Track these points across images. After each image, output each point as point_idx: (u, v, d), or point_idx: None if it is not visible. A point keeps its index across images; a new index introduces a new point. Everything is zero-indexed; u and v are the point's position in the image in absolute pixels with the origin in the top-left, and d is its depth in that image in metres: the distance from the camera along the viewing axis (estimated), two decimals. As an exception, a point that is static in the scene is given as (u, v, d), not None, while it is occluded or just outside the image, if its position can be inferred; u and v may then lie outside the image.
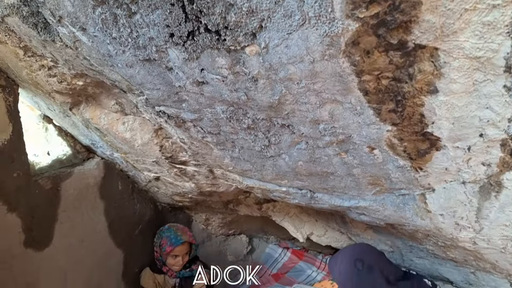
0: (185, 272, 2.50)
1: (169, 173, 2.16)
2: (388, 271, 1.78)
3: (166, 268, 2.46)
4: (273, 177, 1.87)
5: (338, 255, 1.91)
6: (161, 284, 2.50)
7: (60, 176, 2.00)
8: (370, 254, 1.84)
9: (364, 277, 1.74)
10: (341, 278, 1.81)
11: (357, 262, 1.77)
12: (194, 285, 2.51)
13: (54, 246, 1.96)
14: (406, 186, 1.62)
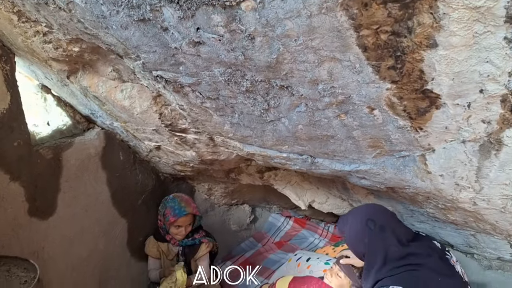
0: (188, 240, 2.53)
1: (170, 141, 2.16)
2: (400, 232, 1.72)
3: (169, 237, 2.49)
4: (274, 143, 1.87)
5: (348, 215, 1.85)
6: (165, 252, 2.54)
7: (61, 146, 2.01)
8: (382, 214, 1.78)
9: (376, 237, 1.68)
10: (352, 239, 1.78)
11: (369, 222, 1.71)
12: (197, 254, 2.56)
13: (58, 215, 1.99)
14: (406, 148, 1.62)
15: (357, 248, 1.76)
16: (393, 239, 1.66)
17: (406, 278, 1.57)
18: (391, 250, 1.64)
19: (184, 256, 2.54)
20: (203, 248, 2.57)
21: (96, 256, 2.22)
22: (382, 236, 1.67)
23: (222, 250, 3.01)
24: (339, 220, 1.92)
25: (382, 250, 1.65)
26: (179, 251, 2.53)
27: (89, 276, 2.18)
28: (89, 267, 2.17)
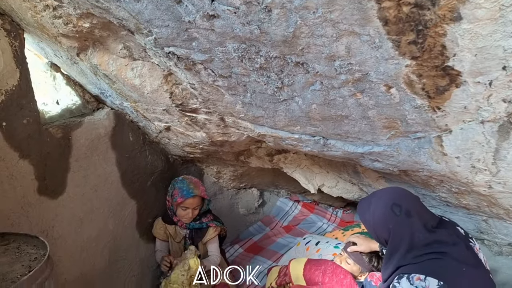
0: (195, 224, 2.51)
1: (180, 122, 2.13)
2: (426, 217, 1.65)
3: (176, 218, 2.49)
4: (286, 124, 1.84)
5: (370, 199, 1.76)
6: (172, 235, 2.53)
7: (70, 126, 1.99)
8: (408, 199, 1.69)
9: (402, 223, 1.60)
10: (375, 224, 1.69)
11: (394, 207, 1.62)
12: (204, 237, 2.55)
13: (68, 195, 1.98)
14: (422, 129, 1.58)
15: (380, 233, 1.69)
16: (419, 225, 1.59)
17: (429, 267, 1.52)
18: (416, 236, 1.58)
19: (191, 240, 2.53)
20: (210, 231, 2.55)
21: (106, 236, 2.22)
22: (408, 222, 1.60)
23: (230, 234, 3.02)
24: (359, 204, 1.85)
25: (407, 236, 1.58)
26: (186, 234, 2.52)
27: (98, 256, 2.18)
28: (98, 247, 2.17)
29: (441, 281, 1.46)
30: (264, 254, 3.02)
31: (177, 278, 2.12)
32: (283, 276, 2.35)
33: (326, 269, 2.16)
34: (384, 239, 1.68)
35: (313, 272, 2.19)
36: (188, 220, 2.46)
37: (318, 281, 2.15)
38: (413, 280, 1.50)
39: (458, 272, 1.53)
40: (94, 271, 2.16)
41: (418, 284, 1.48)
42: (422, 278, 1.48)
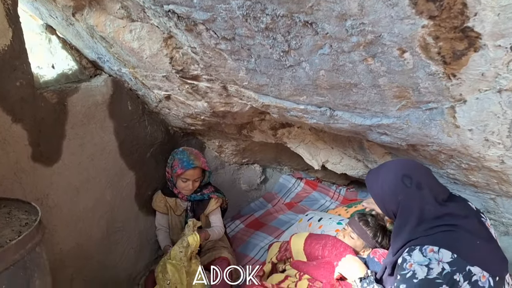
0: (196, 195, 2.46)
1: (180, 90, 2.05)
2: (437, 190, 1.60)
3: (177, 190, 2.43)
4: (291, 93, 1.76)
5: (380, 170, 1.70)
6: (173, 208, 2.48)
7: (66, 91, 1.92)
8: (418, 170, 1.64)
9: (412, 195, 1.55)
10: (384, 195, 1.63)
11: (404, 178, 1.57)
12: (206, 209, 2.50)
13: (64, 163, 1.92)
14: (435, 98, 1.50)
15: (389, 206, 1.63)
16: (430, 197, 1.54)
17: (443, 239, 1.47)
18: (427, 209, 1.53)
19: (193, 212, 2.48)
20: (212, 203, 2.50)
21: (103, 207, 2.16)
22: (419, 194, 1.55)
23: (231, 209, 2.98)
24: (368, 175, 1.78)
25: (417, 209, 1.54)
26: (188, 207, 2.47)
27: (95, 227, 2.13)
28: (95, 217, 2.12)
29: (454, 254, 1.42)
30: (265, 230, 2.98)
31: (176, 254, 2.06)
32: (284, 251, 2.31)
33: (327, 243, 2.11)
34: (393, 212, 1.63)
35: (313, 246, 2.14)
36: (189, 192, 2.40)
37: (318, 255, 2.11)
38: (426, 252, 1.45)
39: (472, 245, 1.47)
40: (90, 242, 2.11)
41: (432, 256, 1.43)
42: (436, 250, 1.43)
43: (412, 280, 1.44)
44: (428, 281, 1.41)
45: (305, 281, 2.06)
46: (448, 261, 1.41)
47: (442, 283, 1.40)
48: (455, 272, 1.39)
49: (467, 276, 1.40)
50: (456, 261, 1.41)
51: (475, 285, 1.41)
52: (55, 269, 1.92)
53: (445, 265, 1.41)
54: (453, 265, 1.41)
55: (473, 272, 1.41)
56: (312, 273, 2.06)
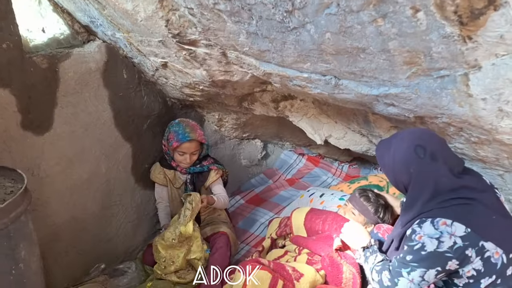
0: (195, 168, 2.39)
1: (177, 57, 1.95)
2: (452, 161, 1.50)
3: (175, 163, 2.36)
4: (294, 60, 1.66)
5: (391, 140, 1.59)
6: (171, 180, 2.41)
7: (57, 56, 1.83)
8: (433, 140, 1.53)
9: (425, 166, 1.46)
10: (396, 167, 1.53)
11: (418, 149, 1.47)
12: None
13: (56, 132, 1.85)
14: (447, 65, 1.40)
15: (400, 178, 1.54)
16: (445, 169, 1.45)
17: (457, 212, 1.39)
18: (442, 181, 1.44)
19: (193, 185, 2.41)
20: (212, 175, 2.43)
21: (98, 179, 2.10)
22: (433, 165, 1.46)
23: (231, 185, 2.92)
24: (378, 145, 1.68)
25: (432, 181, 1.45)
26: (187, 179, 2.40)
27: (90, 200, 2.06)
28: (90, 190, 2.05)
29: (468, 228, 1.35)
30: (266, 206, 2.93)
31: (168, 238, 2.04)
32: (284, 227, 2.25)
33: (327, 218, 2.05)
34: (404, 184, 1.54)
35: (314, 221, 2.09)
36: (187, 165, 2.34)
37: (318, 229, 2.05)
38: (438, 225, 1.37)
39: (487, 220, 1.40)
40: (85, 215, 2.05)
41: (444, 229, 1.36)
42: (449, 223, 1.36)
43: (420, 252, 1.38)
44: (437, 254, 1.35)
45: (304, 255, 2.01)
46: (461, 235, 1.34)
47: (452, 257, 1.34)
48: (467, 247, 1.33)
49: (479, 251, 1.34)
50: (470, 235, 1.34)
51: (488, 261, 1.36)
52: (48, 242, 1.88)
53: (457, 239, 1.34)
54: (466, 239, 1.34)
55: (486, 247, 1.35)
56: (311, 247, 2.01)
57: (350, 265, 1.83)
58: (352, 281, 1.80)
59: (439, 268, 1.36)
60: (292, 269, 1.88)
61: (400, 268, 1.44)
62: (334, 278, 1.83)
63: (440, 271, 1.37)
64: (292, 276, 1.84)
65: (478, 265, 1.35)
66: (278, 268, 1.86)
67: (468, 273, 1.37)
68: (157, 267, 2.08)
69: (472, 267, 1.36)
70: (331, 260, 1.85)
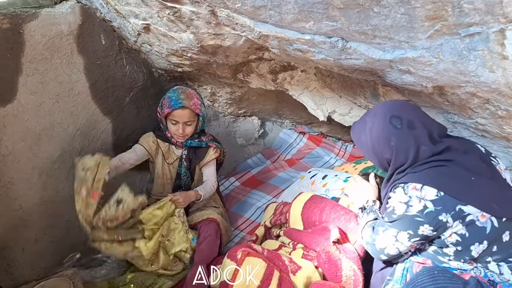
0: (193, 141, 2.16)
1: (160, 18, 1.70)
2: (432, 127, 1.43)
3: (169, 134, 2.13)
4: (295, 17, 1.43)
5: (365, 118, 1.54)
6: (165, 154, 2.19)
7: (22, 16, 1.61)
8: (407, 108, 1.47)
9: (405, 136, 1.39)
10: (374, 144, 1.47)
11: (393, 120, 1.41)
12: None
13: (20, 103, 1.62)
14: (480, 19, 1.17)
15: (382, 154, 1.46)
16: (425, 136, 1.39)
17: (429, 175, 1.34)
18: (422, 149, 1.38)
19: (189, 161, 2.19)
20: (211, 152, 2.23)
21: (71, 158, 1.87)
22: (412, 134, 1.39)
23: (226, 165, 2.71)
24: (352, 127, 1.63)
25: (412, 150, 1.38)
26: (183, 154, 2.18)
27: (62, 181, 1.84)
28: (62, 170, 1.83)
29: (441, 191, 1.29)
30: (263, 188, 2.72)
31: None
32: (279, 214, 2.03)
33: (325, 206, 1.82)
34: (388, 161, 1.46)
35: (311, 210, 1.86)
36: (181, 138, 2.11)
37: (315, 220, 1.83)
38: (408, 190, 1.34)
39: (465, 182, 1.31)
40: (58, 198, 1.84)
41: (413, 193, 1.33)
42: (418, 188, 1.32)
43: (391, 215, 1.38)
44: (407, 217, 1.33)
45: (300, 250, 1.80)
46: (432, 199, 1.30)
47: (423, 221, 1.30)
48: (440, 212, 1.28)
49: (457, 216, 1.28)
50: (442, 199, 1.29)
51: (472, 226, 1.28)
52: (14, 228, 1.66)
53: (428, 203, 1.30)
54: (438, 203, 1.29)
55: (465, 211, 1.28)
56: (305, 241, 1.79)
57: (351, 260, 1.61)
58: (353, 278, 1.59)
59: (411, 231, 1.33)
60: (289, 260, 1.66)
61: (378, 226, 1.46)
62: (332, 276, 1.61)
63: (412, 235, 1.34)
64: (288, 268, 1.63)
65: (459, 229, 1.29)
66: (273, 257, 1.65)
67: (450, 238, 1.31)
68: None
69: (453, 232, 1.30)
70: (327, 256, 1.63)
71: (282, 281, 1.54)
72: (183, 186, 2.23)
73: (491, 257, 1.30)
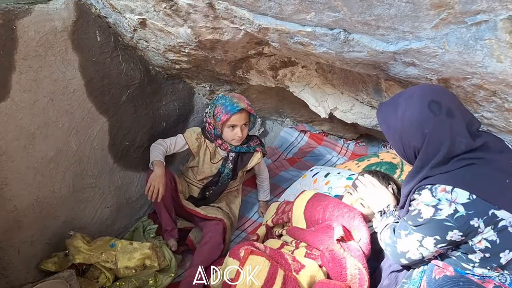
0: (242, 147, 2.20)
1: (157, 12, 1.66)
2: (469, 118, 1.32)
3: (219, 142, 2.16)
4: (296, 8, 1.39)
5: (397, 100, 1.37)
6: (211, 153, 2.21)
7: (15, 12, 1.56)
8: (448, 95, 1.33)
9: (442, 124, 1.26)
10: (405, 130, 1.31)
11: (432, 105, 1.27)
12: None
13: (13, 101, 1.57)
14: (487, 6, 1.12)
15: (410, 142, 1.32)
16: (463, 127, 1.27)
17: (461, 176, 1.23)
18: (458, 141, 1.26)
19: (234, 165, 2.21)
20: (257, 156, 2.28)
21: (67, 158, 1.82)
22: (450, 123, 1.26)
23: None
24: (379, 108, 1.44)
25: (447, 141, 1.25)
26: (230, 156, 2.20)
27: (58, 181, 1.79)
28: (58, 170, 1.77)
29: (473, 194, 1.19)
30: (264, 188, 2.65)
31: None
32: (281, 214, 1.98)
33: (329, 204, 1.76)
34: (415, 150, 1.33)
35: (314, 208, 1.80)
36: (239, 140, 2.14)
37: (318, 218, 1.77)
38: (436, 192, 1.23)
39: (499, 184, 1.22)
40: (54, 198, 1.78)
41: (442, 196, 1.22)
42: (449, 190, 1.21)
43: (417, 219, 1.28)
44: (435, 222, 1.23)
45: (303, 249, 1.74)
46: (464, 202, 1.19)
47: (453, 227, 1.21)
48: (471, 216, 1.18)
49: (489, 221, 1.19)
50: (475, 203, 1.19)
51: (504, 232, 1.20)
52: (9, 230, 1.62)
53: (459, 207, 1.19)
54: (470, 207, 1.19)
55: (499, 216, 1.19)
56: (308, 240, 1.73)
57: (355, 259, 1.56)
58: (359, 277, 1.54)
59: (438, 237, 1.24)
60: (292, 258, 1.61)
61: (400, 229, 1.36)
62: (337, 275, 1.56)
63: (439, 240, 1.25)
64: (291, 267, 1.57)
65: (490, 235, 1.20)
66: (276, 255, 1.60)
67: (479, 244, 1.22)
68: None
69: (482, 237, 1.21)
70: (331, 255, 1.58)
71: (287, 280, 1.49)
72: (220, 183, 2.25)
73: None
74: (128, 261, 1.83)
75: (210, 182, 2.25)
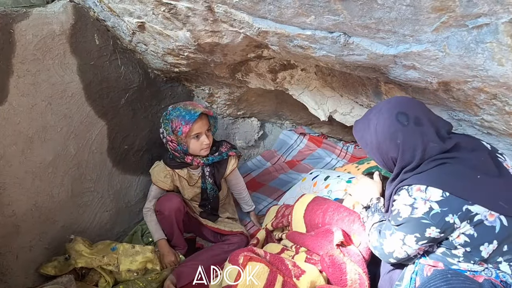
0: (214, 157, 2.09)
1: (156, 15, 1.65)
2: (438, 124, 1.40)
3: (189, 158, 2.03)
4: (295, 12, 1.38)
5: (368, 116, 1.49)
6: (186, 179, 2.13)
7: (12, 16, 1.57)
8: (413, 105, 1.43)
9: (412, 133, 1.35)
10: (380, 142, 1.41)
11: (400, 116, 1.37)
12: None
13: (11, 105, 1.57)
14: (488, 9, 1.13)
15: (388, 153, 1.41)
16: (432, 132, 1.36)
17: (433, 176, 1.31)
18: (430, 146, 1.34)
19: (213, 178, 2.13)
20: (232, 162, 2.19)
21: (66, 162, 1.81)
22: (419, 131, 1.35)
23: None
24: (355, 126, 1.57)
25: (420, 148, 1.34)
26: (206, 172, 2.11)
27: (57, 186, 1.78)
28: (56, 174, 1.77)
29: (446, 192, 1.26)
30: (264, 191, 2.68)
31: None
32: (281, 217, 1.97)
33: (328, 208, 1.77)
34: (393, 160, 1.42)
35: (314, 212, 1.80)
36: (208, 148, 2.02)
37: (318, 222, 1.77)
38: (412, 192, 1.31)
39: (471, 181, 1.28)
40: (52, 203, 1.78)
41: (417, 195, 1.30)
42: (423, 189, 1.29)
43: (397, 218, 1.35)
44: (413, 220, 1.30)
45: (303, 254, 1.74)
46: (438, 200, 1.26)
47: (430, 224, 1.27)
48: (446, 213, 1.25)
49: (464, 216, 1.25)
50: (448, 199, 1.25)
51: (481, 226, 1.25)
52: (7, 235, 1.61)
53: (434, 205, 1.27)
54: (444, 205, 1.25)
55: (473, 211, 1.24)
56: (308, 245, 1.73)
57: (355, 264, 1.56)
58: (359, 282, 1.54)
59: (418, 234, 1.30)
60: (293, 264, 1.60)
61: (385, 230, 1.43)
62: (337, 281, 1.56)
63: (419, 238, 1.30)
64: (292, 273, 1.57)
65: (467, 229, 1.26)
66: (276, 261, 1.59)
67: (458, 239, 1.28)
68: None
69: (460, 232, 1.27)
70: (331, 260, 1.57)
71: (286, 286, 1.48)
72: (211, 198, 2.19)
73: (502, 257, 1.26)
74: (131, 264, 1.83)
75: (202, 199, 2.21)
